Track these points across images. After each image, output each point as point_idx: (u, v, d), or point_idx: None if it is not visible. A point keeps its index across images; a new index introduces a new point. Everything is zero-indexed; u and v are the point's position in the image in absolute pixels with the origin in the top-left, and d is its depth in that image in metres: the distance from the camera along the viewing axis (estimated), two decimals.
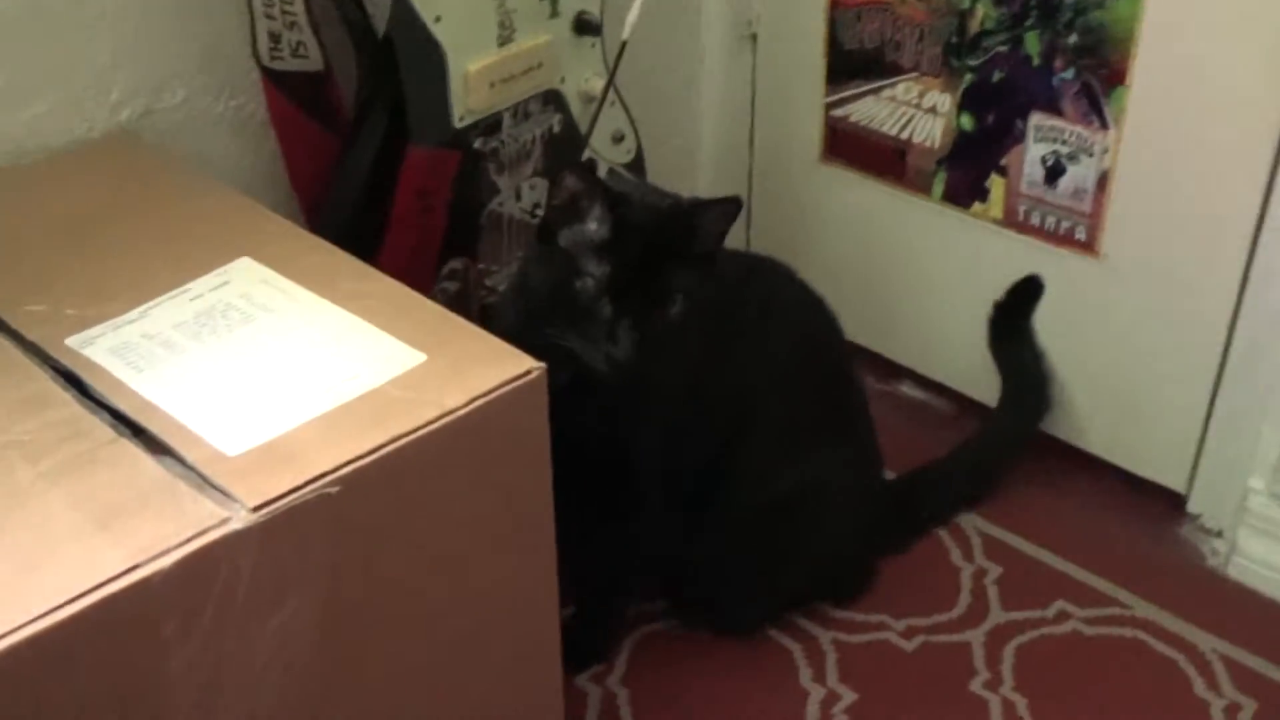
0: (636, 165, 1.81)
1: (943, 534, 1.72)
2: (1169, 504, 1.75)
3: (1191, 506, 1.73)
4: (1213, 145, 1.53)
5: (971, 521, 1.74)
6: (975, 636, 1.56)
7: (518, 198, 1.65)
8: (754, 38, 1.98)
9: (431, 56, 1.46)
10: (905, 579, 1.63)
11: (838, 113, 1.90)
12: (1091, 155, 1.64)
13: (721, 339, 1.38)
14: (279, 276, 1.10)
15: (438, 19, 1.44)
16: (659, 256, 1.24)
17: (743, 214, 2.13)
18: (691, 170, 2.10)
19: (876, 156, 1.88)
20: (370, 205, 1.51)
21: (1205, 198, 1.56)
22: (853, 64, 1.85)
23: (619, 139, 1.78)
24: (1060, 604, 1.61)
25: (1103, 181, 1.64)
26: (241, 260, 1.13)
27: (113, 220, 1.21)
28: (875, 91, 1.84)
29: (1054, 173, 1.69)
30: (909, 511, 1.68)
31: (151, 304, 1.07)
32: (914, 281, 1.92)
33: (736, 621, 1.55)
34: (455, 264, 1.62)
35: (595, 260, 1.24)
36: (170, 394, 0.97)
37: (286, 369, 0.99)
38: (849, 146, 1.91)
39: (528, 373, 0.98)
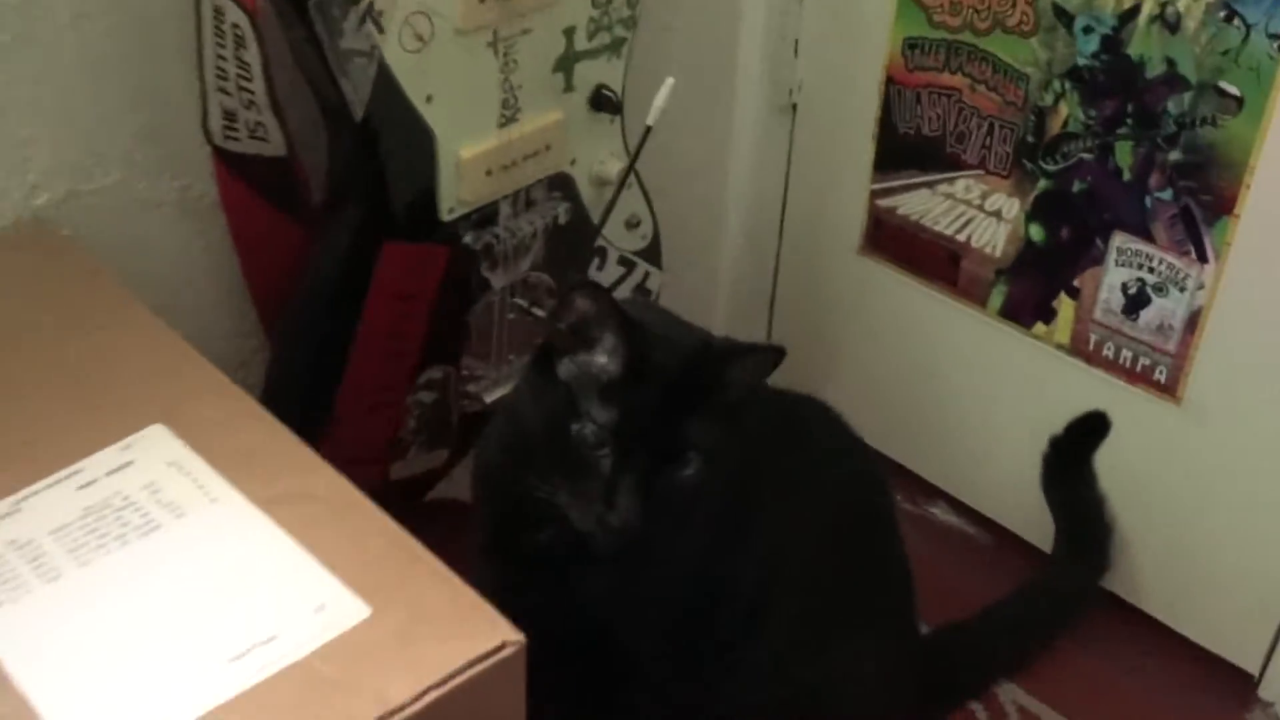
0: (651, 252, 1.57)
1: (976, 708, 1.49)
2: (1237, 685, 1.53)
3: (1264, 692, 1.51)
4: None
5: (1010, 694, 1.51)
6: None
7: (512, 294, 1.42)
8: (794, 108, 1.74)
9: (418, 142, 1.23)
10: None
11: (884, 203, 1.67)
12: (1184, 290, 1.41)
13: (744, 505, 1.15)
14: (197, 459, 0.86)
15: (429, 99, 1.21)
16: (678, 406, 1.01)
17: (765, 302, 1.90)
18: (712, 252, 1.86)
19: (926, 256, 1.64)
20: (340, 308, 1.28)
21: None
22: (906, 151, 1.61)
23: (634, 224, 1.54)
24: None
25: (1194, 320, 1.41)
26: (154, 429, 0.89)
27: None
28: (930, 185, 1.60)
29: (1136, 303, 1.45)
30: (940, 677, 1.45)
31: (30, 491, 0.84)
32: (958, 398, 1.69)
33: None
34: (434, 372, 1.39)
35: (600, 402, 1.00)
36: (22, 654, 0.73)
37: (185, 621, 0.75)
38: (894, 241, 1.67)
39: (500, 648, 0.75)
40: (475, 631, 0.75)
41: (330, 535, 0.82)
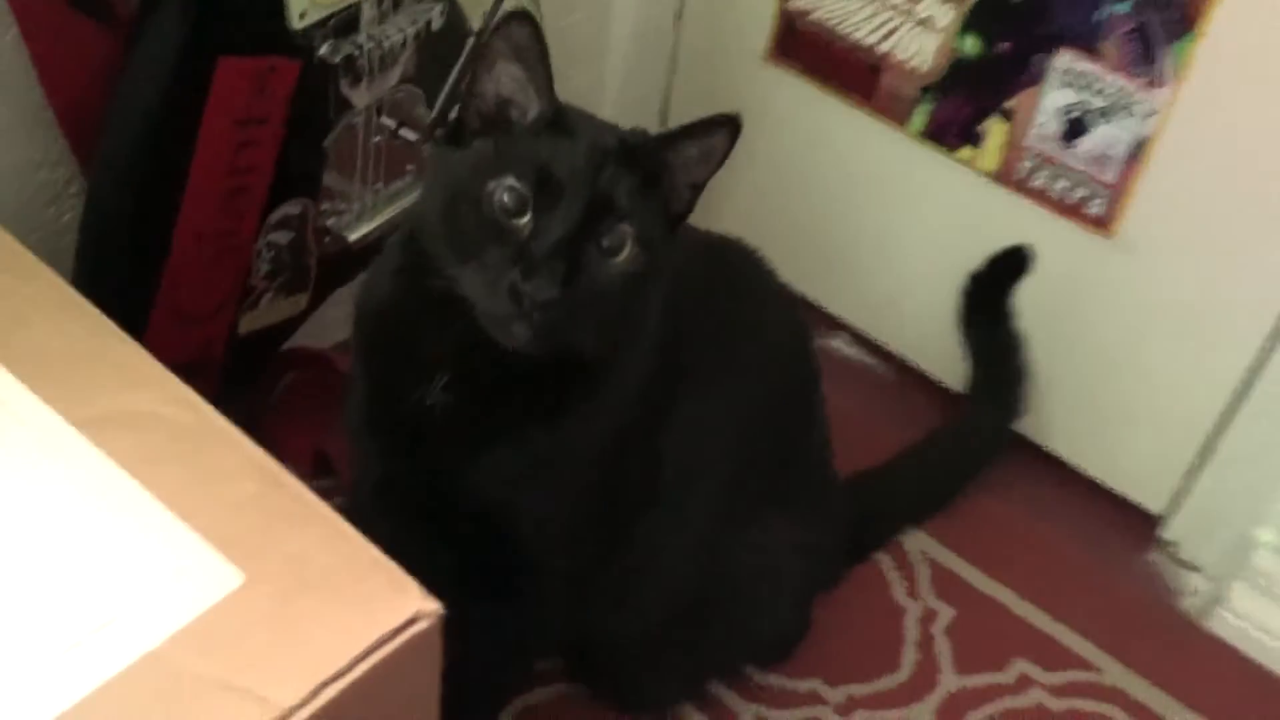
0: None
1: (884, 559, 1.41)
2: (1142, 526, 1.48)
3: (1168, 533, 1.47)
4: None
5: (918, 543, 1.43)
6: (924, 713, 1.28)
7: (378, 113, 1.20)
8: None
9: None
10: (842, 626, 1.32)
11: (797, 4, 1.47)
12: (1131, 115, 1.27)
13: (668, 367, 0.99)
14: (9, 377, 0.67)
15: None
16: (611, 177, 0.84)
17: (656, 113, 1.71)
18: (598, 52, 1.65)
19: (842, 67, 1.47)
20: (167, 138, 1.05)
21: (1267, 190, 1.23)
22: None
23: None
24: (1021, 665, 1.33)
25: (1139, 149, 1.29)
26: None
27: None
28: None
29: (1076, 128, 1.32)
30: (850, 531, 1.36)
31: None
32: (869, 225, 1.55)
33: (649, 702, 1.22)
34: (289, 208, 1.18)
35: (519, 157, 0.84)
36: None
37: None
38: (807, 48, 1.49)
39: (412, 621, 0.59)
40: (379, 601, 0.59)
41: (180, 472, 0.64)
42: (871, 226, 1.54)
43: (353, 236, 1.24)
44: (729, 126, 0.87)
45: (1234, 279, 1.29)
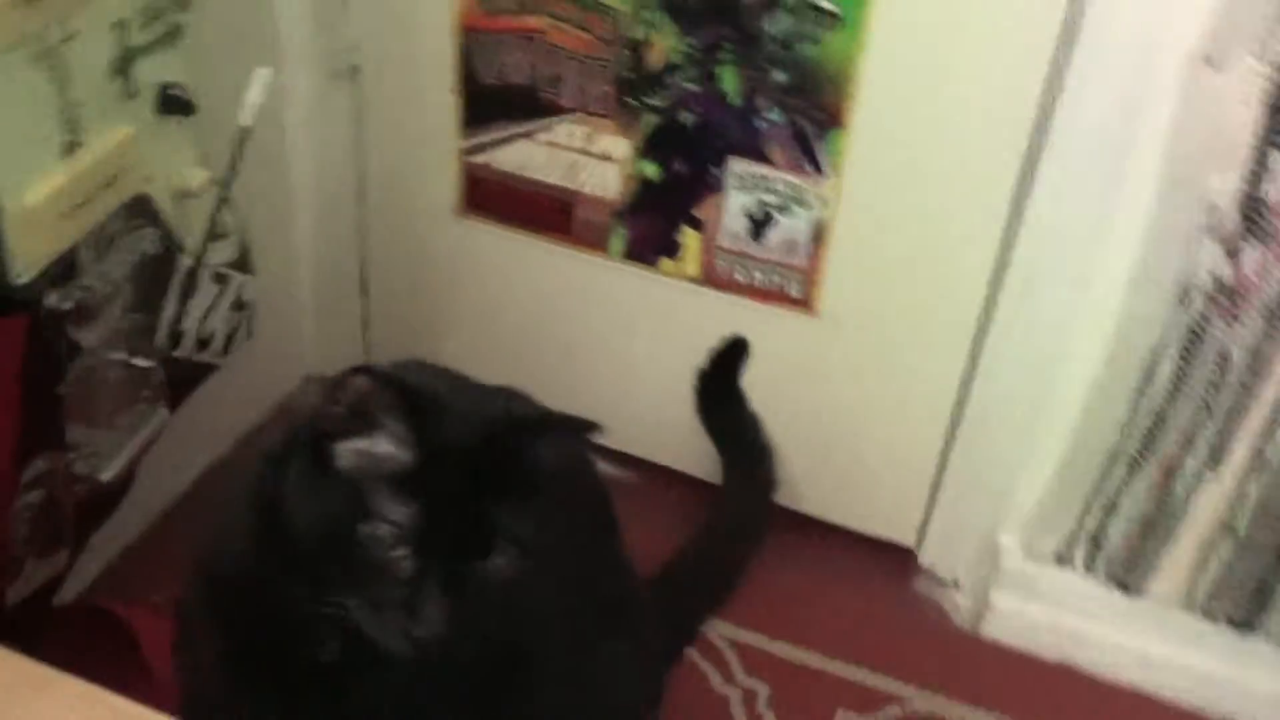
0: (243, 261, 1.38)
1: (694, 655, 1.48)
2: (901, 559, 1.63)
3: (924, 559, 1.62)
4: (946, 194, 1.37)
5: (720, 630, 1.51)
6: None
7: (109, 348, 1.18)
8: (354, 70, 1.57)
9: None
10: None
11: (478, 159, 1.55)
12: (806, 206, 1.43)
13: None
14: None
15: None
16: (481, 491, 0.86)
17: (355, 280, 1.74)
18: (286, 235, 1.66)
19: (534, 208, 1.56)
20: None
21: (937, 249, 1.40)
22: (495, 102, 1.50)
23: (223, 235, 1.34)
24: (842, 715, 1.43)
25: (819, 233, 1.44)
26: None
27: None
28: (528, 135, 1.51)
29: (761, 225, 1.46)
30: (659, 638, 1.42)
31: None
32: (589, 346, 1.64)
33: None
34: (38, 464, 1.13)
35: (391, 497, 0.84)
36: None
37: None
38: (496, 197, 1.57)
39: None
40: None
41: None
42: (592, 347, 1.63)
43: (106, 477, 1.21)
44: (584, 426, 0.92)
45: (924, 325, 1.45)
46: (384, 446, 0.84)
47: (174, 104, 1.18)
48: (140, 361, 1.22)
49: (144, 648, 1.25)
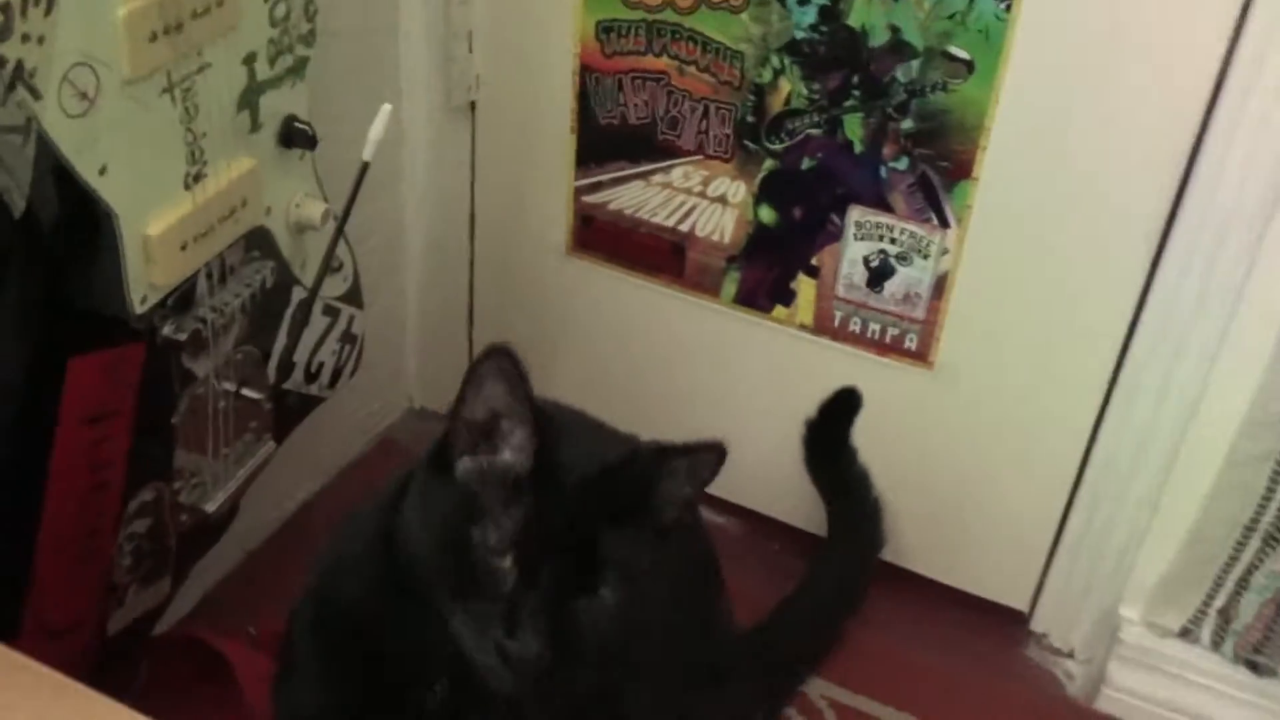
0: (353, 294, 1.37)
1: (793, 715, 1.44)
2: (1011, 624, 1.56)
3: (1036, 625, 1.56)
4: (1076, 250, 1.31)
5: (818, 689, 1.46)
6: None
7: (219, 379, 1.17)
8: (472, 107, 1.57)
9: (95, 226, 0.97)
10: None
11: (592, 199, 1.54)
12: (927, 257, 1.38)
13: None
14: None
15: (102, 170, 0.95)
16: (595, 514, 0.84)
17: (463, 319, 1.73)
18: (397, 271, 1.66)
19: (646, 251, 1.53)
20: (18, 452, 0.99)
21: (1064, 307, 1.35)
22: (612, 142, 1.49)
23: (336, 269, 1.33)
24: None
25: (940, 285, 1.40)
26: None
27: None
28: (644, 176, 1.49)
29: (880, 274, 1.42)
30: (758, 690, 1.38)
31: None
32: (697, 392, 1.60)
33: None
34: (146, 494, 1.13)
35: (504, 503, 0.83)
36: None
37: None
38: (607, 238, 1.55)
39: None
40: None
41: None
42: (700, 393, 1.60)
43: (211, 508, 1.20)
44: (715, 450, 0.88)
45: (1048, 384, 1.40)
46: (504, 454, 0.83)
47: (297, 137, 1.17)
48: (250, 393, 1.22)
49: (240, 681, 1.24)
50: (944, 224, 1.36)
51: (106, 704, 0.64)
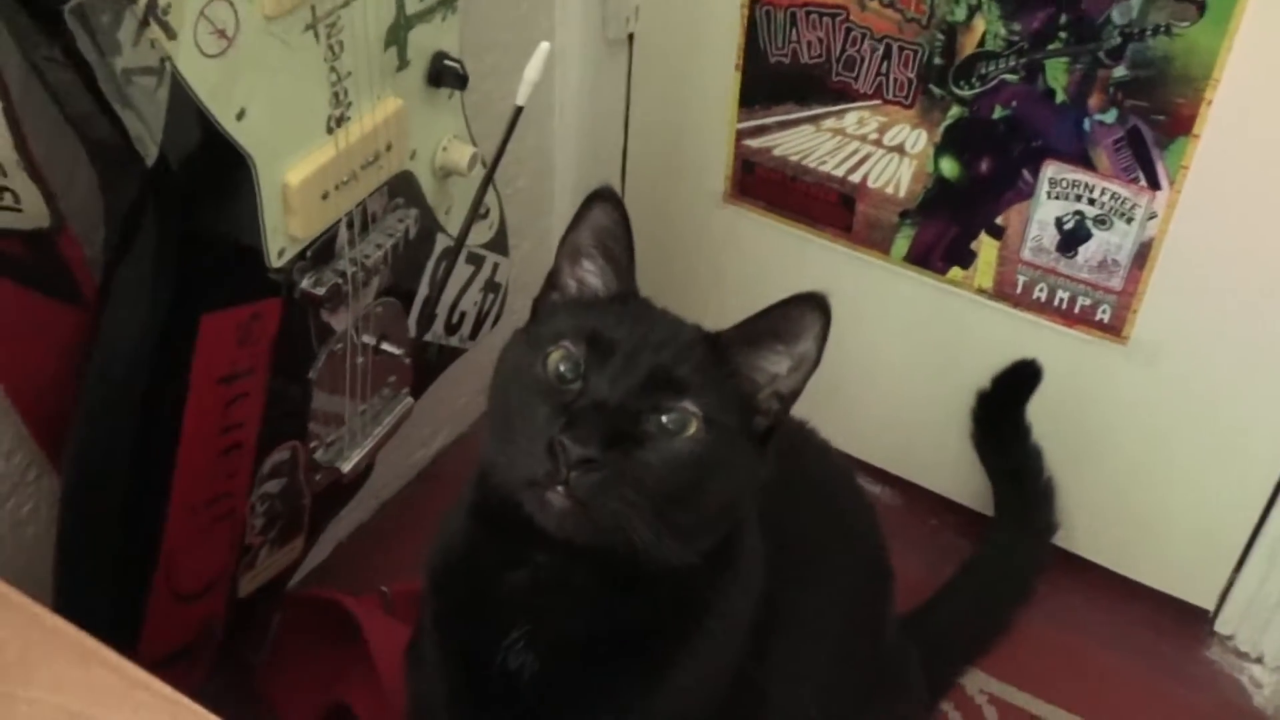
0: (499, 241, 1.29)
1: (949, 709, 1.34)
2: (1191, 623, 1.43)
3: (1221, 626, 1.42)
4: None
5: (978, 683, 1.36)
6: None
7: (361, 330, 1.10)
8: (630, 40, 1.46)
9: (231, 174, 0.89)
10: None
11: (754, 143, 1.42)
12: (1131, 221, 1.24)
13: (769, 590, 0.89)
14: None
15: (240, 115, 0.87)
16: (675, 361, 0.78)
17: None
18: (544, 214, 1.57)
19: (811, 201, 1.42)
20: (150, 410, 0.94)
21: None
22: (780, 82, 1.36)
23: (482, 215, 1.25)
24: None
25: (1143, 253, 1.25)
26: None
27: None
28: (813, 120, 1.37)
29: (1073, 238, 1.28)
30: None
31: None
32: (859, 355, 1.49)
33: None
34: (280, 454, 1.07)
35: (579, 328, 0.78)
36: None
37: None
38: (770, 186, 1.44)
39: None
40: None
41: None
42: (864, 357, 1.48)
43: (346, 467, 1.13)
44: (812, 303, 0.79)
45: (1260, 370, 1.25)
46: (585, 275, 0.83)
47: (446, 75, 1.08)
48: (390, 348, 1.15)
49: (371, 649, 1.19)
50: (1154, 185, 1.21)
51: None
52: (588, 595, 0.80)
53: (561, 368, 0.77)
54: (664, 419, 0.75)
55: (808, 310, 0.78)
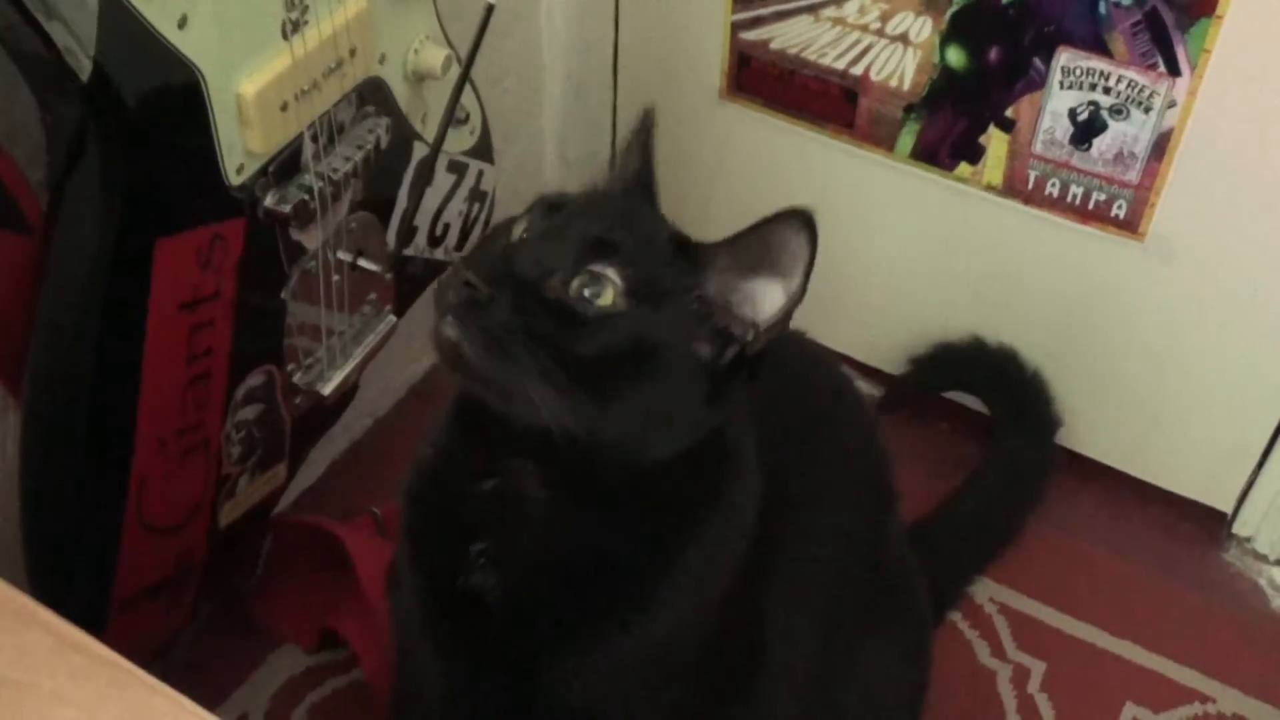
0: (482, 147, 1.23)
1: (959, 619, 1.31)
2: (1209, 525, 1.39)
3: (1239, 528, 1.38)
4: None
5: (988, 591, 1.33)
6: None
7: (335, 249, 1.05)
8: None
9: (178, 87, 0.83)
10: (939, 706, 1.21)
11: (751, 35, 1.35)
12: (1149, 110, 1.17)
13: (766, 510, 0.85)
14: None
15: (182, 22, 0.81)
16: (622, 235, 0.75)
17: (606, 164, 1.57)
18: (534, 116, 1.51)
19: (811, 96, 1.35)
20: (107, 340, 0.89)
21: None
22: None
23: (462, 120, 1.19)
24: (1131, 710, 1.23)
25: (1162, 144, 1.18)
26: None
27: None
28: (811, 9, 1.29)
29: (1088, 130, 1.21)
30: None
31: None
32: (863, 256, 1.43)
33: None
34: (254, 379, 1.03)
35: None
36: None
37: None
38: (768, 80, 1.36)
39: None
40: None
41: None
42: (868, 257, 1.42)
43: (327, 389, 1.09)
44: (798, 224, 0.72)
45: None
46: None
47: None
48: (368, 264, 1.10)
49: (358, 573, 1.16)
50: (1173, 71, 1.14)
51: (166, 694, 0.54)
52: (555, 510, 0.76)
53: (517, 231, 0.76)
54: (578, 281, 0.72)
55: (793, 234, 0.72)
